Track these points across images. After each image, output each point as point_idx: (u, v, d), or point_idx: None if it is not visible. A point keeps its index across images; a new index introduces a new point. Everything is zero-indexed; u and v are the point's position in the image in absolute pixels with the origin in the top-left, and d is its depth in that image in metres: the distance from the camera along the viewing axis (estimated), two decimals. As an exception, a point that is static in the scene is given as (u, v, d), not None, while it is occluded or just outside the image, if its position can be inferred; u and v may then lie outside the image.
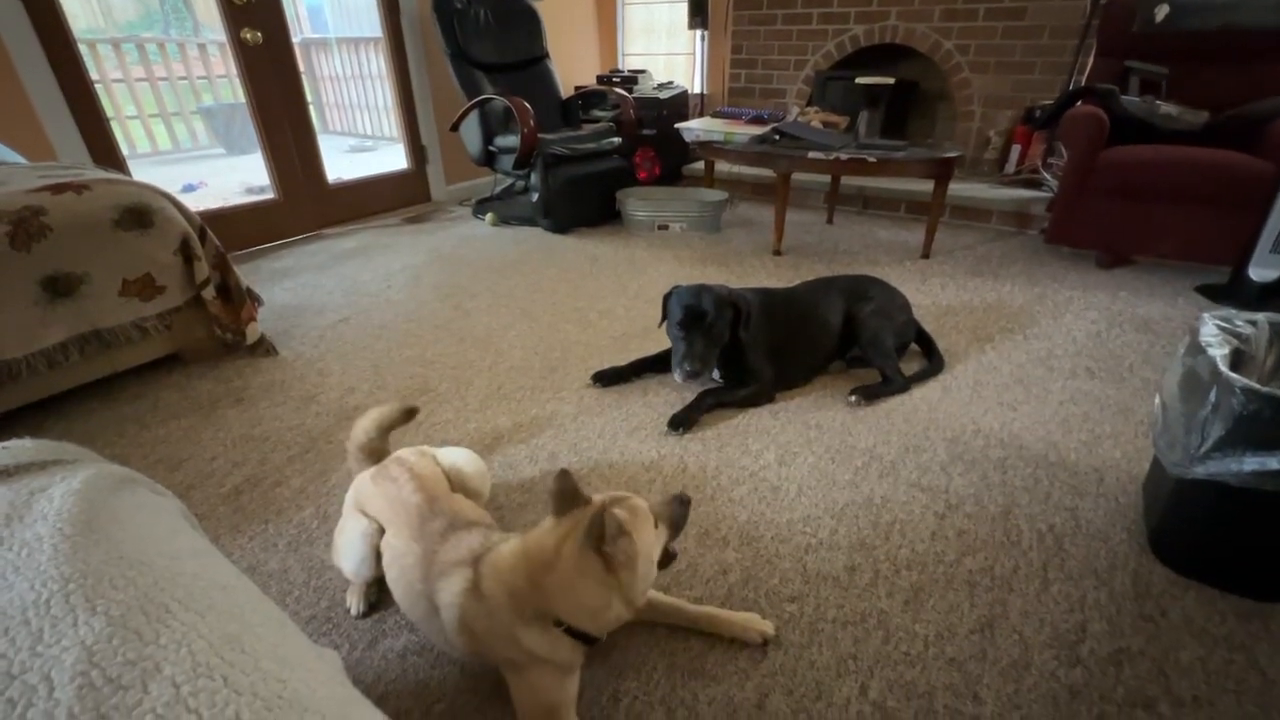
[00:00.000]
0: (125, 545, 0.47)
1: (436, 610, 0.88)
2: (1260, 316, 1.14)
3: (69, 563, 0.43)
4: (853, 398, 1.64)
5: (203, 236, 1.76)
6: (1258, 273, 2.17)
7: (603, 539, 0.78)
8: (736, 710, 0.90)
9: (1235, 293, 2.26)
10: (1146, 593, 1.08)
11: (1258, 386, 0.93)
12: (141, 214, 1.61)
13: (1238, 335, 1.11)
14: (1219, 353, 1.02)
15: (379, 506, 1.03)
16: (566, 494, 0.85)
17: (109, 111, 2.48)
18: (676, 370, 1.61)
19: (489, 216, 3.31)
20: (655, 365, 1.79)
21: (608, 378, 1.75)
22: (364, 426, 1.17)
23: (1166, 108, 2.54)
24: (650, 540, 0.86)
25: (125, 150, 2.55)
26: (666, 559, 0.92)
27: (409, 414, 1.22)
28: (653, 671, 0.96)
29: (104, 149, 2.41)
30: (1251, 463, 0.95)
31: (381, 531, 1.01)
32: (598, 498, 0.87)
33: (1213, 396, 0.99)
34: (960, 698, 0.91)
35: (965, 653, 0.98)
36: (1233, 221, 2.26)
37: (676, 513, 0.93)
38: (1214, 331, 1.10)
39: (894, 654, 0.98)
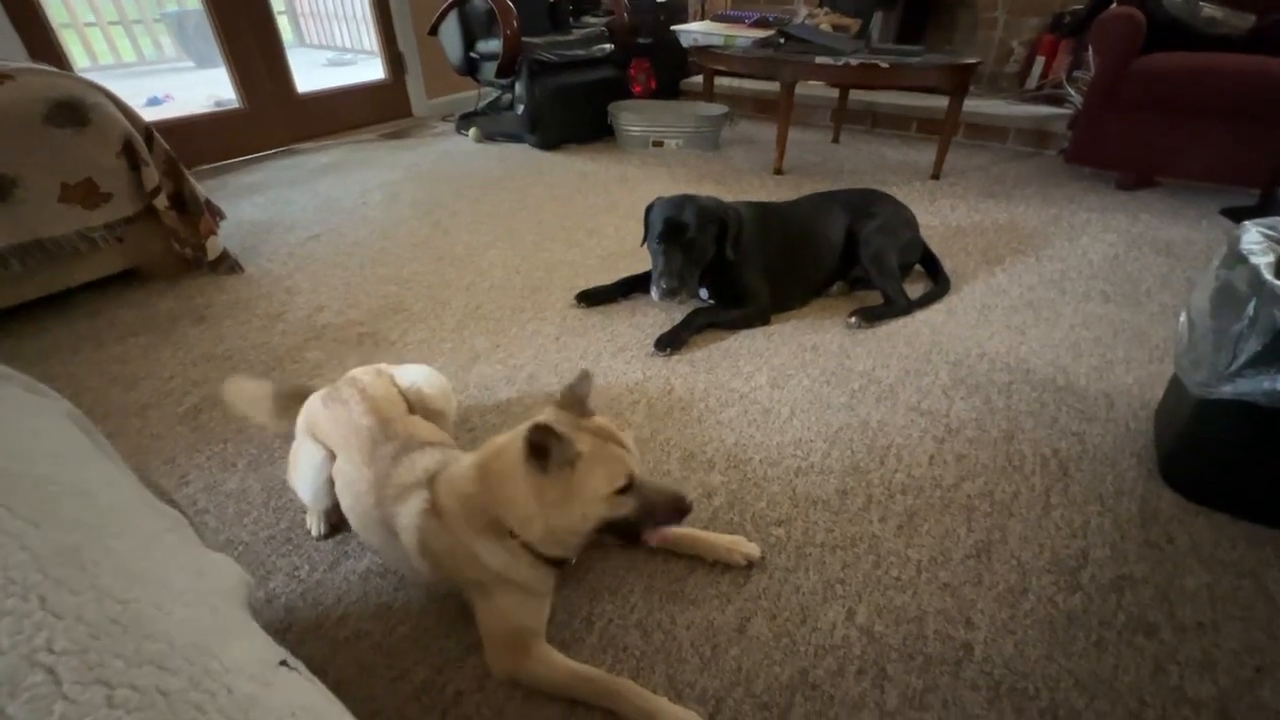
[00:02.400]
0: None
1: (396, 535, 0.82)
2: (1309, 223, 1.03)
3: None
4: (853, 319, 1.54)
5: (149, 140, 1.61)
6: (1291, 193, 2.03)
7: (544, 451, 0.72)
8: (716, 634, 0.86)
9: (1264, 216, 2.11)
10: (1153, 519, 1.03)
11: (1306, 295, 0.83)
12: (74, 109, 1.45)
13: (1283, 243, 1.00)
14: (1263, 260, 0.92)
15: (328, 431, 0.95)
16: (571, 400, 0.81)
17: (61, 18, 2.26)
18: (654, 288, 1.51)
19: (473, 132, 3.10)
20: (644, 284, 1.68)
21: (593, 297, 1.65)
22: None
23: (1210, 9, 2.31)
24: (599, 489, 0.74)
25: (85, 62, 2.35)
26: (625, 530, 0.79)
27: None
28: (629, 594, 0.91)
29: (53, 61, 2.19)
30: (1286, 381, 0.87)
31: (333, 458, 0.94)
32: (600, 420, 0.81)
33: (1251, 309, 0.89)
34: (952, 622, 0.87)
35: (959, 578, 0.93)
36: (1270, 138, 2.09)
37: (658, 506, 0.78)
38: (1257, 239, 0.99)
39: (884, 579, 0.93)
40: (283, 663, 0.37)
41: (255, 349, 1.48)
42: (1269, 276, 0.87)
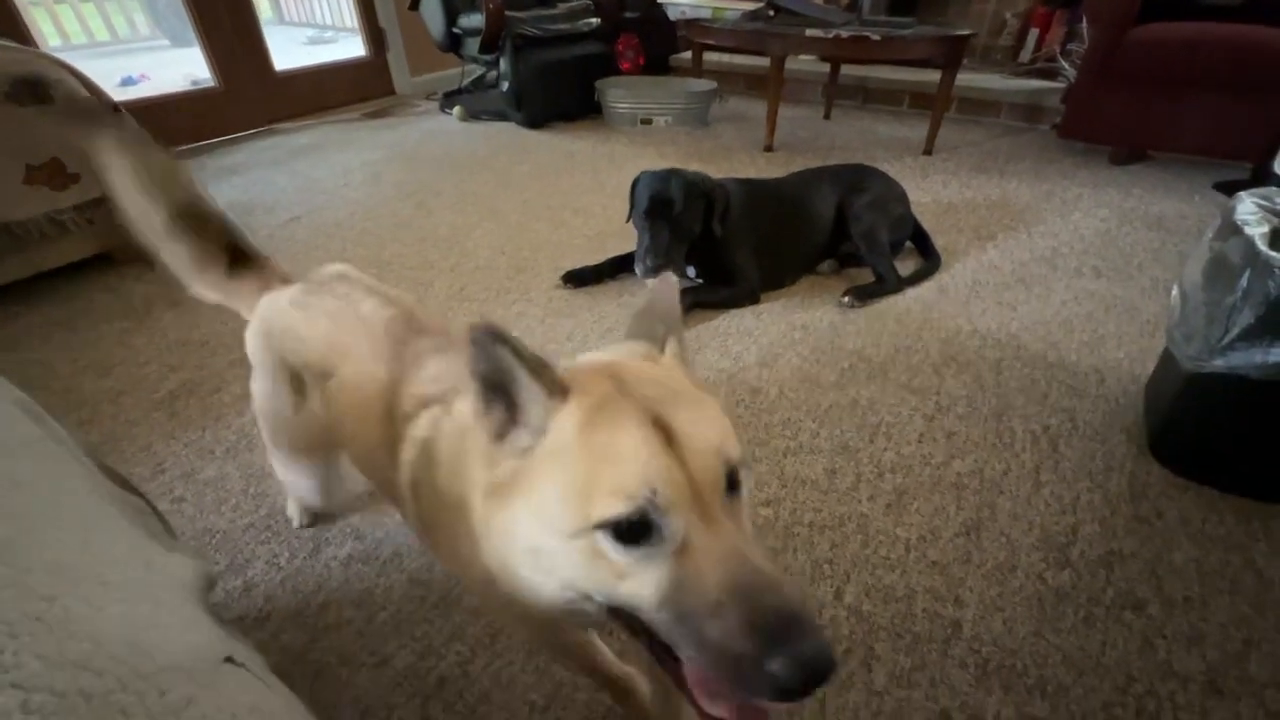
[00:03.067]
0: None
1: (396, 469, 0.59)
2: (1304, 194, 1.01)
3: None
4: (846, 299, 1.52)
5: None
6: (1284, 166, 2.01)
7: (495, 388, 0.42)
8: (703, 616, 0.84)
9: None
10: (1143, 495, 1.02)
11: (1300, 266, 0.81)
12: (36, 86, 1.40)
13: (1278, 214, 0.98)
14: (1257, 231, 0.90)
15: (313, 334, 0.69)
16: (644, 326, 0.52)
17: None
18: (638, 265, 1.48)
19: (457, 110, 3.03)
20: (631, 264, 1.65)
21: (579, 278, 1.62)
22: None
23: (1206, -22, 2.27)
24: (568, 501, 0.40)
25: (56, 41, 2.26)
26: (649, 636, 0.44)
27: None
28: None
29: (19, 40, 2.10)
30: (1278, 353, 0.85)
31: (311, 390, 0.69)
32: (662, 371, 0.48)
33: (1244, 281, 0.88)
34: (941, 600, 0.86)
35: (949, 556, 0.92)
36: (1263, 110, 2.06)
37: (733, 628, 0.37)
38: (1252, 210, 0.97)
39: (873, 557, 0.92)
40: (229, 659, 0.35)
41: (233, 333, 1.43)
42: (1263, 247, 0.85)
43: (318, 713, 0.41)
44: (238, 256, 0.78)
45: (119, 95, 1.58)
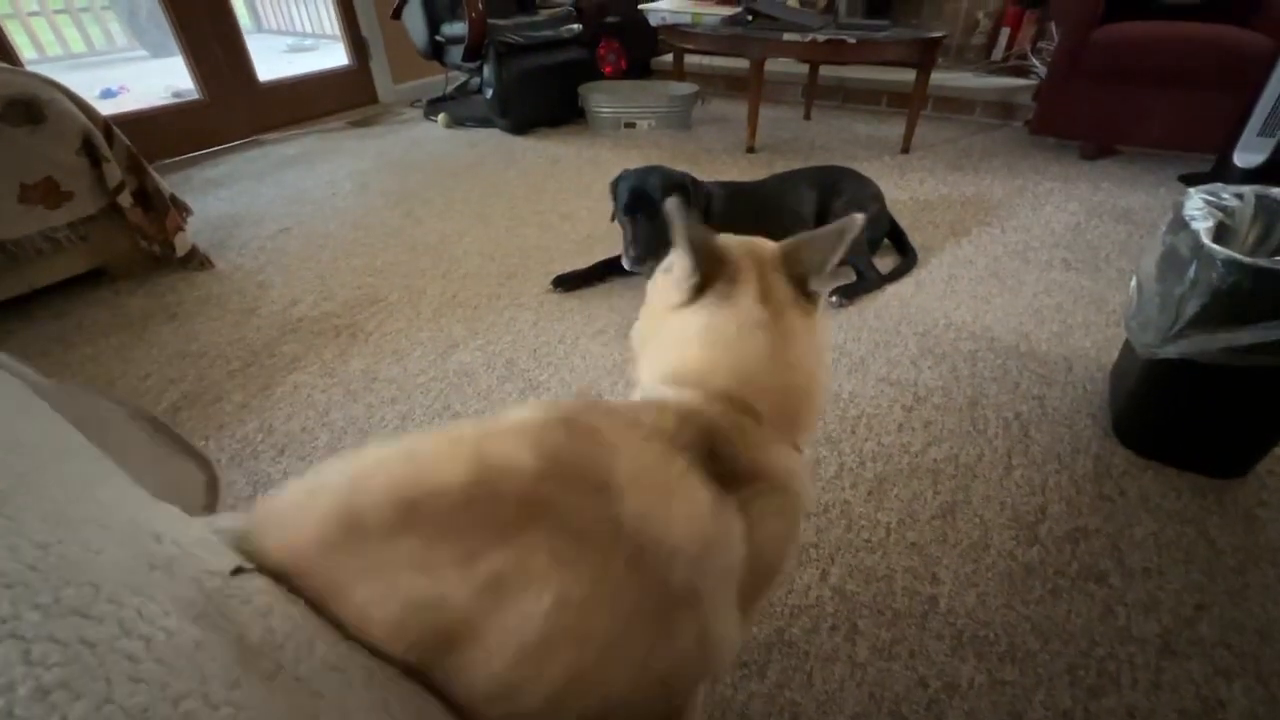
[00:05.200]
0: None
1: None
2: (1247, 189, 1.08)
3: None
4: (834, 299, 1.57)
5: (109, 135, 1.57)
6: (1243, 158, 2.10)
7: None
8: (696, 601, 0.89)
9: (1219, 180, 2.18)
10: (1106, 474, 1.08)
11: (1239, 257, 0.88)
12: (29, 106, 1.42)
13: (1223, 208, 1.05)
14: (1203, 225, 0.97)
15: None
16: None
17: (3, 8, 2.16)
18: (625, 258, 1.55)
19: (441, 118, 3.06)
20: (618, 266, 1.69)
21: (569, 281, 1.66)
22: None
23: (1166, -22, 2.35)
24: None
25: (32, 54, 2.26)
26: None
27: None
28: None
29: None
30: (1223, 338, 0.92)
31: None
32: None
33: (1192, 272, 0.94)
34: (919, 579, 0.91)
35: (926, 537, 0.98)
36: (1223, 104, 2.15)
37: None
38: (1199, 205, 1.04)
39: (855, 541, 0.98)
40: (237, 570, 0.35)
41: (231, 344, 1.47)
42: (1207, 241, 0.92)
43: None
44: None
45: (101, 107, 1.59)
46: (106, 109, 1.63)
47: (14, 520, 0.30)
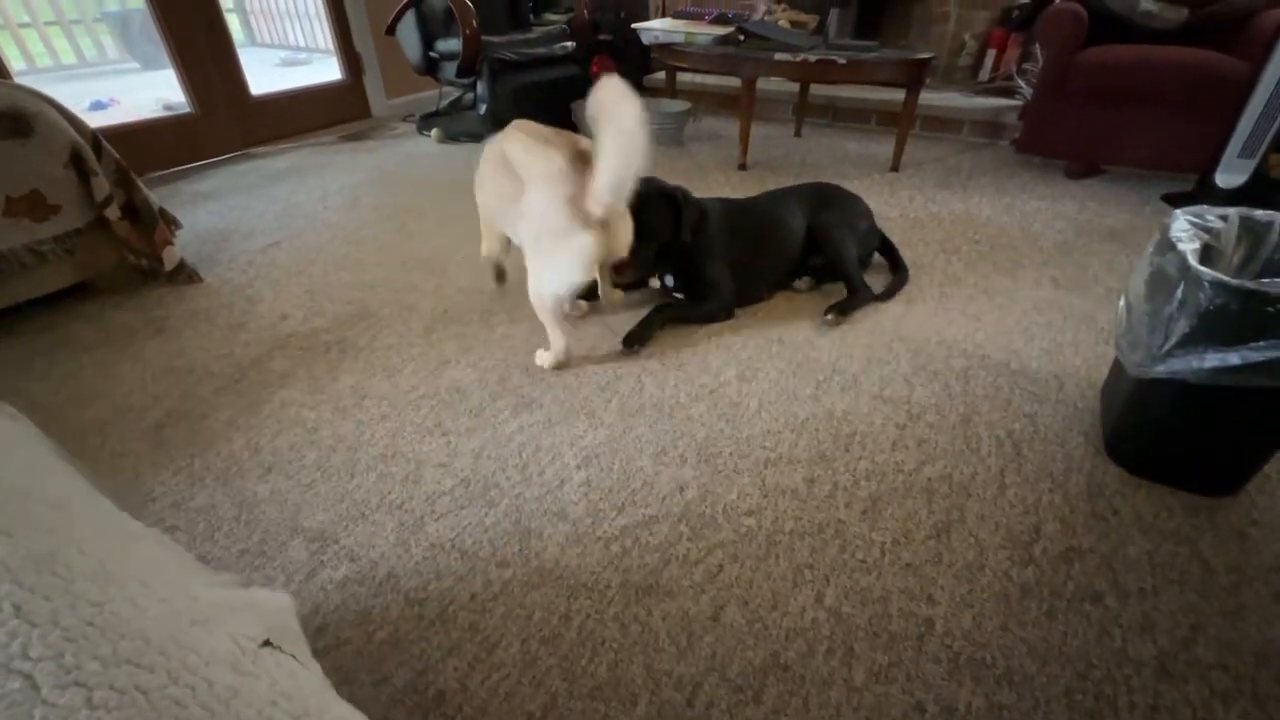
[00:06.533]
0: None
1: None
2: (1231, 211, 1.09)
3: None
4: (829, 316, 1.57)
5: (97, 148, 1.56)
6: (1224, 179, 2.14)
7: None
8: (691, 623, 0.88)
9: (1200, 200, 2.22)
10: (1099, 493, 1.09)
11: (1226, 279, 0.89)
12: (17, 119, 1.40)
13: (1208, 230, 1.06)
14: (1189, 247, 0.98)
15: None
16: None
17: None
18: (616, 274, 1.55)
19: (434, 132, 3.06)
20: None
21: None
22: None
23: (1146, 4, 2.41)
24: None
25: (20, 65, 2.25)
26: None
27: None
28: (605, 589, 0.93)
29: None
30: (1212, 359, 0.93)
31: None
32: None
33: (1180, 293, 0.95)
34: (915, 600, 0.91)
35: (921, 557, 0.97)
36: (1204, 126, 2.20)
37: None
38: (1185, 227, 1.05)
39: (850, 561, 0.97)
40: (266, 643, 0.38)
41: (218, 360, 1.45)
42: (1194, 262, 0.93)
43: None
44: None
45: (88, 120, 1.58)
46: (97, 121, 1.62)
47: (67, 580, 0.33)
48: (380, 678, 0.82)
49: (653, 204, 1.47)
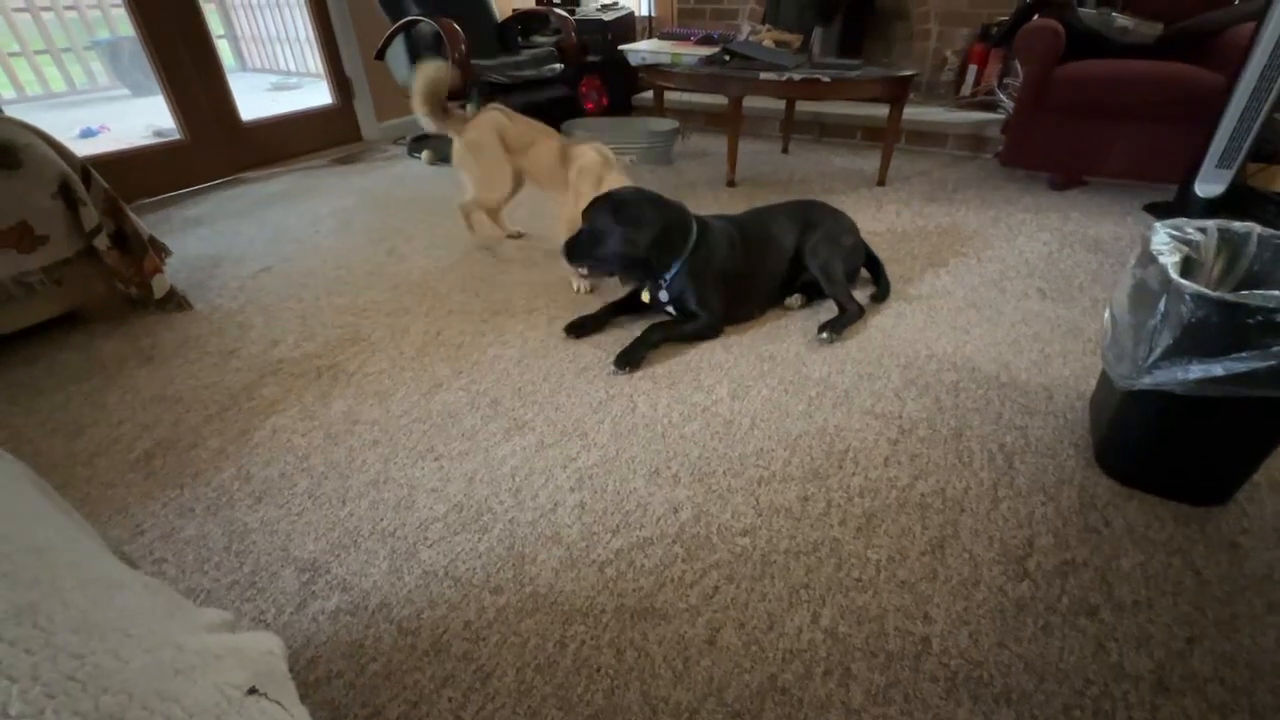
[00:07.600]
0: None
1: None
2: (1210, 223, 1.11)
3: None
4: (824, 335, 1.57)
5: (86, 179, 1.56)
6: (1203, 188, 2.18)
7: None
8: (688, 647, 0.88)
9: (1181, 210, 2.27)
10: (1091, 505, 1.09)
11: (1206, 291, 0.90)
12: (5, 152, 1.40)
13: (1188, 243, 1.08)
14: (1170, 260, 1.00)
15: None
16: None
17: None
18: (563, 248, 1.60)
19: (425, 154, 3.08)
20: (625, 309, 1.70)
21: (579, 328, 1.64)
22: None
23: (1121, 20, 2.47)
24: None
25: (10, 93, 2.25)
26: None
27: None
28: (601, 614, 0.92)
29: None
30: (1196, 370, 0.94)
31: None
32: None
33: (1162, 305, 0.96)
34: (911, 618, 0.91)
35: (916, 574, 0.97)
36: (1182, 137, 2.24)
37: None
38: (1165, 240, 1.07)
39: (846, 580, 0.97)
40: (252, 690, 0.38)
41: (208, 388, 1.44)
42: (1175, 275, 0.94)
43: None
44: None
45: (78, 147, 1.58)
46: (86, 149, 1.63)
47: (48, 632, 0.33)
48: (373, 711, 0.81)
49: (631, 214, 1.51)
